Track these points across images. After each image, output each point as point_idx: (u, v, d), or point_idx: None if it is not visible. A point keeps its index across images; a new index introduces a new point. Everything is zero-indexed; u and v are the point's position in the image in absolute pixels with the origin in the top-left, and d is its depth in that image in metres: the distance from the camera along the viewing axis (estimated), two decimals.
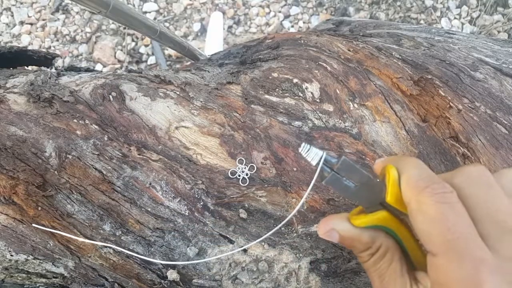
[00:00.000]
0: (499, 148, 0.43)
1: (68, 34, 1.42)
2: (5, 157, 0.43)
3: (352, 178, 0.26)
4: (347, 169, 0.26)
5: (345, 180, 0.26)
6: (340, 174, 0.26)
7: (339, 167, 0.26)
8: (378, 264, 0.26)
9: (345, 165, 0.26)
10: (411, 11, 1.39)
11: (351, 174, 0.26)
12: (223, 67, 0.56)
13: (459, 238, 0.20)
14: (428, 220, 0.21)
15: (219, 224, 0.44)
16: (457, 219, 0.20)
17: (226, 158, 0.45)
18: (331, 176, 0.26)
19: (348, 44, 0.54)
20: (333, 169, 0.26)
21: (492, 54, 0.51)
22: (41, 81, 0.48)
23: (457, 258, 0.20)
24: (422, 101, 0.47)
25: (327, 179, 0.26)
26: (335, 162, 0.26)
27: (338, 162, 0.26)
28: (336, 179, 0.26)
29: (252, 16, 1.44)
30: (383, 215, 0.25)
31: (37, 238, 0.43)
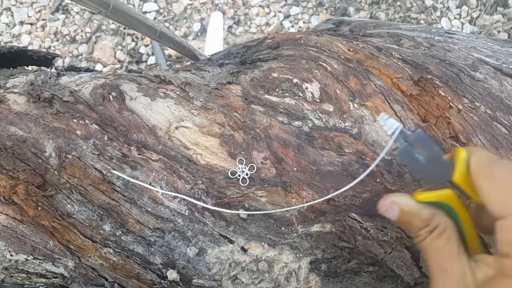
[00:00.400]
0: (499, 148, 0.43)
1: (68, 34, 1.42)
2: (5, 157, 0.43)
3: (423, 152, 0.26)
4: (420, 142, 0.26)
5: (416, 153, 0.26)
6: (413, 146, 0.27)
7: (413, 138, 0.26)
8: (435, 242, 0.26)
9: (420, 138, 0.26)
10: (411, 11, 1.39)
11: (423, 148, 0.26)
12: (223, 67, 0.56)
13: None
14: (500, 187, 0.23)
15: (219, 224, 0.44)
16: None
17: (226, 158, 0.45)
18: (404, 147, 0.27)
19: (348, 44, 0.54)
20: (406, 141, 0.27)
21: (492, 54, 0.51)
22: (41, 81, 0.48)
23: None
24: (422, 101, 0.47)
25: (400, 149, 0.27)
26: (410, 134, 0.27)
27: (413, 134, 0.27)
28: (408, 150, 0.27)
29: (252, 16, 1.44)
30: (447, 193, 0.26)
31: (37, 238, 0.43)
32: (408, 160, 0.27)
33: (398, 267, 0.43)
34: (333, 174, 0.44)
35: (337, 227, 0.44)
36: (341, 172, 0.44)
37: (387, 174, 0.44)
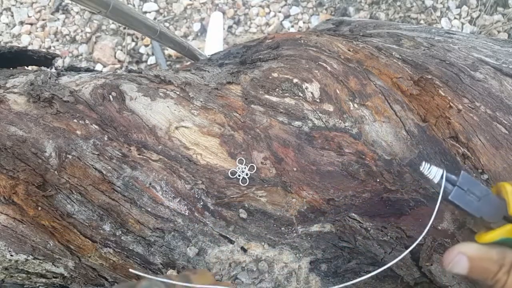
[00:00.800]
0: (499, 148, 0.43)
1: (68, 34, 1.42)
2: (5, 157, 0.43)
3: (473, 192, 0.27)
4: (468, 183, 0.27)
5: (468, 194, 0.27)
6: (463, 189, 0.27)
7: (461, 181, 0.27)
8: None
9: (466, 179, 0.27)
10: (411, 11, 1.39)
11: (472, 188, 0.27)
12: (223, 67, 0.56)
13: None
14: None
15: (219, 224, 0.44)
16: None
17: (226, 158, 0.45)
18: (455, 191, 0.27)
19: (348, 44, 0.54)
20: (455, 184, 0.27)
21: (492, 54, 0.51)
22: (41, 81, 0.48)
23: None
24: (422, 101, 0.47)
25: (452, 194, 0.27)
26: (456, 177, 0.27)
27: (459, 177, 0.27)
28: (460, 193, 0.27)
29: (252, 16, 1.44)
30: (510, 227, 0.26)
31: (37, 238, 0.43)
32: (463, 202, 0.27)
33: (398, 267, 0.43)
34: (333, 174, 0.44)
35: (337, 227, 0.44)
36: (341, 172, 0.44)
37: (387, 174, 0.44)
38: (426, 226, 0.40)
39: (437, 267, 0.41)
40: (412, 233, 0.43)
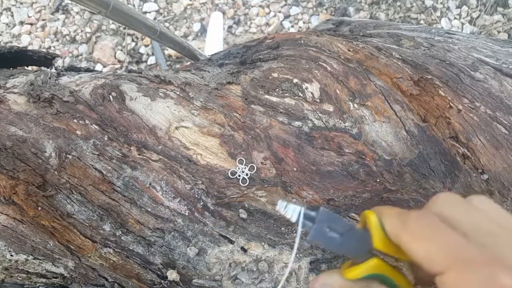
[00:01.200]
0: (499, 148, 0.43)
1: (68, 34, 1.42)
2: (5, 157, 0.43)
3: (335, 228, 0.25)
4: (328, 219, 0.25)
5: (329, 232, 0.25)
6: (323, 226, 0.25)
7: (320, 218, 0.25)
8: None
9: (325, 215, 0.25)
10: (411, 11, 1.39)
11: (333, 224, 0.25)
12: (223, 67, 0.56)
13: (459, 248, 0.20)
14: (425, 244, 0.21)
15: (219, 224, 0.44)
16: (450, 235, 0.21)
17: (226, 158, 0.45)
18: (314, 230, 0.25)
19: (348, 44, 0.54)
20: (314, 222, 0.25)
21: (492, 54, 0.51)
22: (41, 81, 0.48)
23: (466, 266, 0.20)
24: (422, 101, 0.47)
25: (311, 233, 0.25)
26: (315, 214, 0.25)
27: (317, 214, 0.25)
28: (320, 232, 0.25)
29: (252, 16, 1.44)
30: (375, 262, 0.25)
31: (37, 238, 0.43)
32: (324, 241, 0.25)
33: None
34: (333, 174, 0.44)
35: None
36: (341, 172, 0.44)
37: (387, 174, 0.44)
38: None
39: None
40: None
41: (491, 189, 0.43)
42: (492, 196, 0.43)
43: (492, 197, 0.43)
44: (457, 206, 0.23)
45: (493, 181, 0.43)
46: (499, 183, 0.43)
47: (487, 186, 0.43)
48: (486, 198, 0.24)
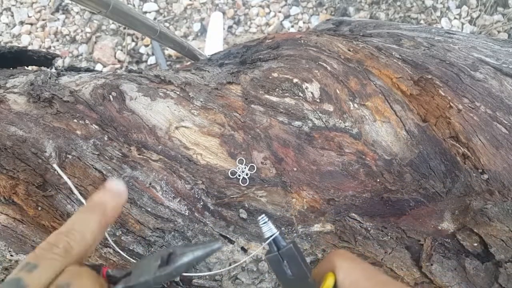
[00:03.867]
0: (499, 148, 0.43)
1: (68, 34, 1.42)
2: (5, 157, 0.43)
3: (291, 267, 0.26)
4: (290, 257, 0.26)
5: (285, 266, 0.26)
6: (283, 258, 0.26)
7: (283, 252, 0.27)
8: None
9: (290, 253, 0.27)
10: (411, 11, 1.39)
11: (292, 263, 0.26)
12: (223, 67, 0.56)
13: None
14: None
15: (219, 224, 0.44)
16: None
17: (226, 158, 0.45)
18: (273, 256, 0.27)
19: (348, 44, 0.54)
20: (278, 250, 0.27)
21: (492, 54, 0.51)
22: (41, 81, 0.48)
23: None
24: (422, 101, 0.47)
25: (270, 256, 0.27)
26: (283, 246, 0.27)
27: (285, 247, 0.27)
28: (277, 260, 0.26)
29: (252, 16, 1.44)
30: None
31: (37, 238, 0.43)
32: (276, 269, 0.27)
33: (398, 267, 0.43)
34: (333, 174, 0.44)
35: (337, 227, 0.44)
36: (341, 172, 0.44)
37: (387, 174, 0.44)
38: (426, 226, 0.40)
39: (438, 267, 0.41)
40: (412, 233, 0.43)
41: (491, 189, 0.43)
42: (492, 196, 0.43)
43: (492, 197, 0.43)
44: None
45: (493, 181, 0.43)
46: (499, 183, 0.43)
47: (487, 186, 0.43)
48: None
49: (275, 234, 0.28)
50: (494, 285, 0.41)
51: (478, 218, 0.42)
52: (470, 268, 0.41)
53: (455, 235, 0.43)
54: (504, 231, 0.41)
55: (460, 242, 0.42)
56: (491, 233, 0.41)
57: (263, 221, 0.28)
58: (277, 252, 0.27)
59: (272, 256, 0.27)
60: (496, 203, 0.42)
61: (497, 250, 0.41)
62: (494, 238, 0.41)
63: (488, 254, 0.42)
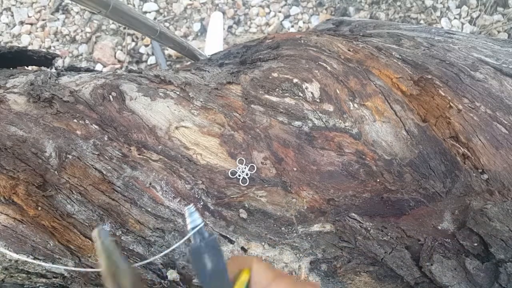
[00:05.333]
0: (499, 148, 0.43)
1: (68, 34, 1.42)
2: (5, 157, 0.43)
3: (211, 259, 0.27)
4: (212, 248, 0.27)
5: (206, 258, 0.27)
6: (205, 249, 0.27)
7: (208, 241, 0.27)
8: None
9: (212, 245, 0.27)
10: (411, 11, 1.39)
11: (213, 255, 0.27)
12: (223, 67, 0.56)
13: None
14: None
15: (219, 224, 0.44)
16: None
17: (226, 158, 0.45)
18: (196, 246, 0.27)
19: (348, 44, 0.54)
20: (202, 241, 0.27)
21: (492, 54, 0.51)
22: (41, 81, 0.48)
23: None
24: (422, 101, 0.47)
25: (193, 245, 0.27)
26: (207, 236, 0.28)
27: (208, 238, 0.27)
28: (200, 251, 0.27)
29: (252, 16, 1.44)
30: None
31: (37, 238, 0.43)
32: (196, 260, 0.27)
33: (398, 267, 0.43)
34: (333, 174, 0.44)
35: (337, 227, 0.44)
36: (341, 172, 0.44)
37: (387, 174, 0.44)
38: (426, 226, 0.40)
39: (438, 267, 0.41)
40: (412, 233, 0.43)
41: (491, 189, 0.43)
42: (492, 196, 0.43)
43: (492, 197, 0.43)
44: None
45: (493, 181, 0.43)
46: (499, 183, 0.43)
47: (487, 186, 0.43)
48: None
49: (200, 224, 0.28)
50: (494, 285, 0.41)
51: (478, 218, 0.42)
52: (470, 268, 0.41)
53: (455, 235, 0.43)
54: (504, 231, 0.41)
55: (460, 242, 0.42)
56: (491, 233, 0.41)
57: (190, 211, 0.29)
58: (200, 242, 0.27)
59: (196, 245, 0.27)
60: (496, 203, 0.42)
61: (497, 250, 0.41)
62: (494, 238, 0.41)
63: (488, 254, 0.42)
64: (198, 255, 0.27)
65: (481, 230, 0.42)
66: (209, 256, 0.27)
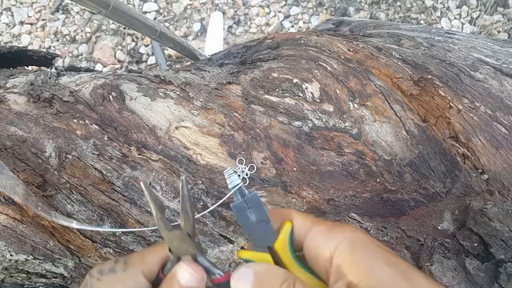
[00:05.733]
0: (499, 148, 0.43)
1: (68, 34, 1.42)
2: (5, 157, 0.43)
3: (255, 213, 0.30)
4: (254, 203, 0.30)
5: (249, 212, 0.30)
6: (247, 205, 0.30)
7: (249, 197, 0.30)
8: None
9: (254, 199, 0.30)
10: (411, 11, 1.39)
11: (255, 209, 0.30)
12: (223, 67, 0.56)
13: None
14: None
15: (219, 224, 0.44)
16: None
17: (226, 158, 0.45)
18: (239, 202, 0.30)
19: (348, 44, 0.54)
20: (243, 198, 0.30)
21: (492, 54, 0.51)
22: (41, 81, 0.48)
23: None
24: (422, 101, 0.47)
25: (236, 203, 0.30)
26: (247, 193, 0.30)
27: (249, 194, 0.30)
28: (242, 206, 0.30)
29: (252, 16, 1.44)
30: (265, 257, 0.29)
31: (37, 238, 0.43)
32: (241, 215, 0.30)
33: None
34: (333, 174, 0.44)
35: None
36: (341, 172, 0.44)
37: (387, 174, 0.44)
38: (426, 226, 0.40)
39: (437, 267, 0.41)
40: (412, 233, 0.43)
41: (491, 189, 0.43)
42: (492, 196, 0.43)
43: (492, 197, 0.43)
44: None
45: (493, 181, 0.43)
46: (499, 183, 0.43)
47: (487, 186, 0.43)
48: None
49: (239, 184, 0.31)
50: (494, 285, 0.41)
51: (478, 218, 0.42)
52: (470, 268, 0.41)
53: (455, 235, 0.43)
54: (504, 231, 0.41)
55: (460, 242, 0.42)
56: (491, 233, 0.41)
57: (229, 173, 0.31)
58: (242, 199, 0.30)
59: (238, 203, 0.30)
60: (496, 203, 0.42)
61: (497, 250, 0.41)
62: (494, 238, 0.41)
63: (488, 254, 0.42)
64: (241, 210, 0.30)
65: (481, 230, 0.42)
66: (251, 210, 0.30)
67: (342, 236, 0.26)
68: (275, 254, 0.29)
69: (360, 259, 0.25)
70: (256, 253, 0.29)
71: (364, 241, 0.26)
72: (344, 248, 0.25)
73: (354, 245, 0.26)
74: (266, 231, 0.29)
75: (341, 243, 0.26)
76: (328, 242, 0.26)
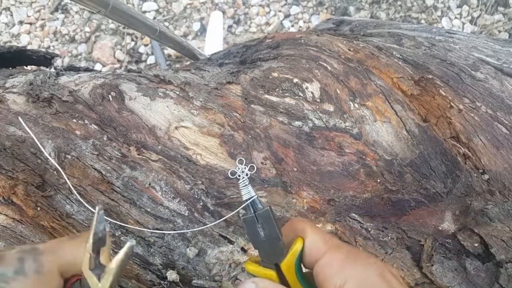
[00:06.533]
0: (500, 148, 0.43)
1: (67, 34, 1.42)
2: (4, 157, 0.43)
3: (265, 229, 0.29)
4: (265, 220, 0.29)
5: (259, 227, 0.29)
6: (258, 220, 0.29)
7: (260, 213, 0.29)
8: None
9: (265, 215, 0.29)
10: (412, 11, 1.39)
11: (266, 225, 0.29)
12: (223, 66, 0.56)
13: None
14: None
15: (219, 225, 0.43)
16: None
17: (226, 158, 0.45)
18: (250, 217, 0.30)
19: (348, 43, 0.53)
20: (255, 212, 0.30)
21: (493, 54, 0.51)
22: (40, 81, 0.48)
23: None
24: (423, 101, 0.47)
25: (247, 217, 0.30)
26: (260, 208, 0.30)
27: (262, 209, 0.30)
28: (253, 221, 0.29)
29: (252, 15, 1.44)
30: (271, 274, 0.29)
31: (36, 239, 0.43)
32: (250, 230, 0.29)
33: (398, 267, 0.42)
34: (334, 174, 0.44)
35: (337, 228, 0.44)
36: (341, 172, 0.44)
37: (388, 174, 0.44)
38: (427, 226, 0.40)
39: (438, 268, 0.41)
40: (413, 234, 0.43)
41: (492, 189, 0.43)
42: (493, 196, 0.43)
43: (493, 197, 0.43)
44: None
45: (494, 181, 0.43)
46: (500, 183, 0.43)
47: (488, 186, 0.43)
48: None
49: (253, 197, 0.30)
50: (494, 286, 0.41)
51: (479, 219, 0.42)
52: (471, 269, 0.41)
53: (456, 235, 0.43)
54: (505, 232, 0.41)
55: (461, 243, 0.42)
56: (491, 234, 0.41)
57: (244, 183, 0.31)
58: (253, 214, 0.29)
59: (248, 217, 0.29)
60: (496, 204, 0.42)
61: (498, 250, 0.41)
62: (495, 238, 0.41)
63: (489, 254, 0.42)
64: (251, 224, 0.29)
65: (482, 231, 0.41)
66: (262, 226, 0.29)
67: (352, 273, 0.26)
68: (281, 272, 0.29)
69: None
70: (262, 268, 0.29)
71: (373, 283, 0.25)
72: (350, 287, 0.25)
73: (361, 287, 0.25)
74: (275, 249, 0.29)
75: (348, 281, 0.25)
76: (338, 275, 0.26)
